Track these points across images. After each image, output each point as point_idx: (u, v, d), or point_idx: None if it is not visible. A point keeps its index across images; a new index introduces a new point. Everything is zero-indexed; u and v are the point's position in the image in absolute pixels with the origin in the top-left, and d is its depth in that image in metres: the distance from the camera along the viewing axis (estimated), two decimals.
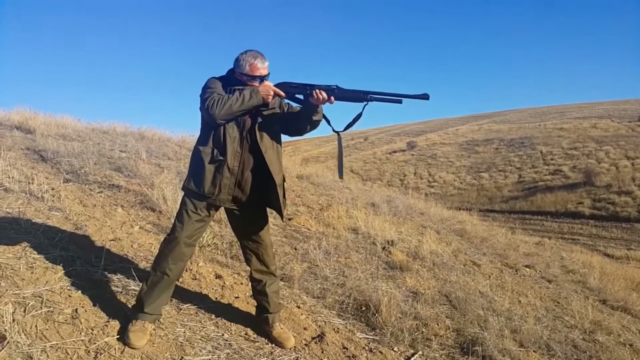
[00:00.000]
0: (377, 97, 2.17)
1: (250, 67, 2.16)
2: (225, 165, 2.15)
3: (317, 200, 6.44)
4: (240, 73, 2.18)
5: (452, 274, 4.38)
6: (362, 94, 2.17)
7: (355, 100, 2.18)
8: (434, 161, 37.66)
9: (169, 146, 7.73)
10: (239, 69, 2.18)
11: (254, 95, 2.09)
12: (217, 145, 2.15)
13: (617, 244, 17.97)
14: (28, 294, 2.24)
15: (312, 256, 3.92)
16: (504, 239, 7.56)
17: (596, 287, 5.61)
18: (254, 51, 2.19)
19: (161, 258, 2.22)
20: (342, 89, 2.17)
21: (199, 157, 2.18)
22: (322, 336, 2.58)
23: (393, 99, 2.17)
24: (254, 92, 2.10)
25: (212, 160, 2.15)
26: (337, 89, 2.16)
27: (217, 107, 2.04)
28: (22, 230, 2.90)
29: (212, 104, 2.05)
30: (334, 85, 2.17)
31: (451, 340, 2.96)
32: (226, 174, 2.16)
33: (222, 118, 2.07)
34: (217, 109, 2.03)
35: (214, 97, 2.07)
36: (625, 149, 30.66)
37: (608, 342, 3.54)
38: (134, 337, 2.11)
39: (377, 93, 2.17)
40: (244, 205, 2.28)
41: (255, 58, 2.16)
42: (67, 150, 5.64)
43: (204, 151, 2.16)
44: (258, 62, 2.16)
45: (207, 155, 2.15)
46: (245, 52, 2.19)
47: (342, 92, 2.17)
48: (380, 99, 2.17)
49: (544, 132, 40.74)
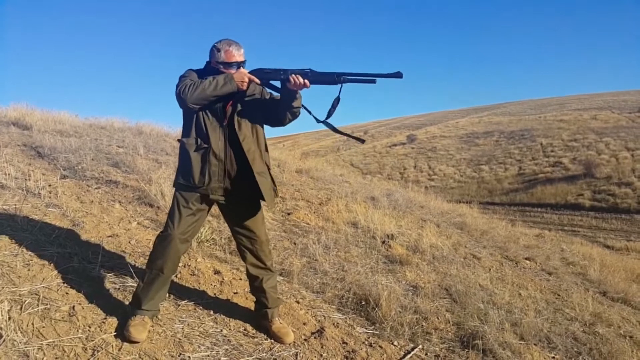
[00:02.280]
0: (350, 78, 2.14)
1: (225, 54, 2.13)
2: (211, 152, 2.13)
3: (316, 194, 6.41)
4: (216, 62, 2.16)
5: (452, 268, 4.36)
6: (335, 76, 2.14)
7: (329, 82, 2.15)
8: (434, 154, 37.61)
9: (167, 141, 7.68)
10: (214, 57, 2.16)
11: (228, 82, 2.07)
12: (199, 135, 2.14)
13: (617, 235, 17.99)
14: (25, 292, 2.23)
15: (312, 251, 3.91)
16: (504, 232, 7.55)
17: (596, 279, 5.61)
18: (228, 39, 2.17)
19: (156, 255, 2.19)
20: (316, 72, 2.15)
21: (184, 149, 2.17)
22: (322, 331, 2.57)
23: (367, 79, 2.13)
24: (228, 78, 2.07)
25: (197, 149, 2.14)
26: (311, 72, 2.14)
27: (189, 91, 2.02)
28: (18, 227, 2.89)
29: (184, 88, 2.03)
30: (307, 69, 2.14)
31: (451, 333, 2.95)
32: (213, 161, 2.15)
33: (194, 102, 2.04)
34: (190, 93, 2.02)
35: (186, 82, 2.06)
36: (626, 140, 30.61)
37: (608, 334, 3.54)
38: (135, 330, 2.09)
39: (350, 74, 2.14)
40: (233, 196, 2.25)
41: (230, 45, 2.14)
42: (64, 146, 5.61)
43: (187, 142, 2.15)
44: (233, 48, 2.14)
45: (192, 145, 2.14)
46: (220, 40, 2.17)
47: (315, 76, 2.14)
48: (353, 79, 2.15)
49: (544, 124, 40.66)
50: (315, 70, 2.15)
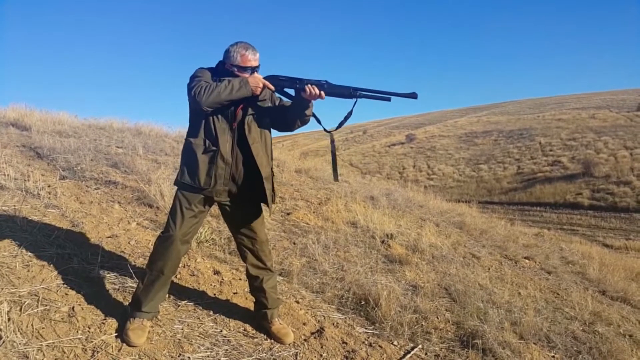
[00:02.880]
0: (366, 94, 2.16)
1: (241, 58, 2.13)
2: (219, 155, 2.13)
3: (315, 194, 6.41)
4: (231, 64, 2.15)
5: (451, 267, 4.37)
6: (351, 90, 2.15)
7: (344, 96, 2.17)
8: (433, 153, 37.65)
9: (166, 142, 7.68)
10: (229, 60, 2.15)
11: (243, 86, 2.06)
12: (208, 137, 2.13)
13: (616, 234, 18.02)
14: (24, 293, 2.22)
15: (311, 250, 3.91)
16: (503, 231, 7.56)
17: (596, 277, 5.61)
18: (244, 42, 2.16)
19: (156, 256, 2.19)
20: (332, 85, 2.16)
21: (190, 149, 2.15)
22: (322, 331, 2.57)
23: (382, 96, 2.16)
24: (244, 82, 2.07)
25: (205, 151, 2.13)
26: (327, 84, 2.15)
27: (204, 93, 2.01)
28: (18, 228, 2.88)
29: (200, 90, 2.02)
30: (324, 81, 2.15)
31: (451, 333, 2.96)
32: (220, 164, 2.14)
33: (209, 105, 2.04)
34: (205, 96, 2.01)
35: (201, 84, 2.04)
36: (624, 139, 30.67)
37: (608, 333, 3.55)
38: (133, 335, 2.09)
39: (366, 90, 2.16)
40: (237, 198, 2.25)
41: (246, 49, 2.14)
42: (63, 146, 5.60)
43: (195, 143, 2.14)
44: (249, 53, 2.14)
45: (200, 146, 2.13)
46: (236, 43, 2.16)
47: (331, 88, 2.15)
48: (369, 95, 2.17)
49: (542, 123, 40.72)
50: (331, 83, 2.15)
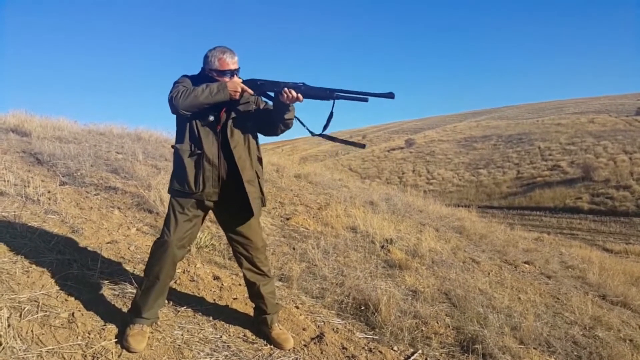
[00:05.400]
0: (343, 95, 2.17)
1: (219, 62, 2.14)
2: (204, 158, 2.14)
3: (315, 199, 6.42)
4: (210, 69, 2.17)
5: (451, 272, 4.37)
6: (328, 92, 2.16)
7: (322, 98, 2.17)
8: (432, 158, 37.67)
9: (165, 147, 7.69)
10: (208, 65, 2.17)
11: (221, 90, 2.08)
12: (193, 140, 2.16)
13: (615, 238, 18.00)
14: (24, 299, 2.22)
15: (311, 256, 3.91)
16: (503, 236, 7.56)
17: (595, 282, 5.61)
18: (222, 46, 2.18)
19: (152, 262, 2.19)
20: (309, 87, 2.17)
21: (178, 155, 2.18)
22: (321, 336, 2.57)
23: (359, 97, 2.16)
24: (222, 86, 2.08)
25: (191, 155, 2.15)
26: (304, 87, 2.16)
27: (181, 97, 2.04)
28: (17, 234, 2.88)
29: (177, 94, 2.05)
30: (301, 83, 2.16)
31: (451, 338, 2.95)
32: (207, 167, 2.16)
33: (185, 109, 2.06)
34: (182, 99, 2.03)
35: (179, 88, 2.07)
36: (623, 144, 30.71)
37: (608, 337, 3.54)
38: (133, 340, 2.09)
39: (343, 91, 2.17)
40: (226, 202, 2.26)
41: (223, 53, 2.15)
42: (63, 152, 5.61)
43: (181, 148, 2.17)
44: (227, 56, 2.15)
45: (185, 151, 2.16)
46: (214, 48, 2.17)
47: (308, 90, 2.16)
48: (346, 97, 2.17)
49: (541, 127, 40.78)
50: (308, 85, 2.17)
